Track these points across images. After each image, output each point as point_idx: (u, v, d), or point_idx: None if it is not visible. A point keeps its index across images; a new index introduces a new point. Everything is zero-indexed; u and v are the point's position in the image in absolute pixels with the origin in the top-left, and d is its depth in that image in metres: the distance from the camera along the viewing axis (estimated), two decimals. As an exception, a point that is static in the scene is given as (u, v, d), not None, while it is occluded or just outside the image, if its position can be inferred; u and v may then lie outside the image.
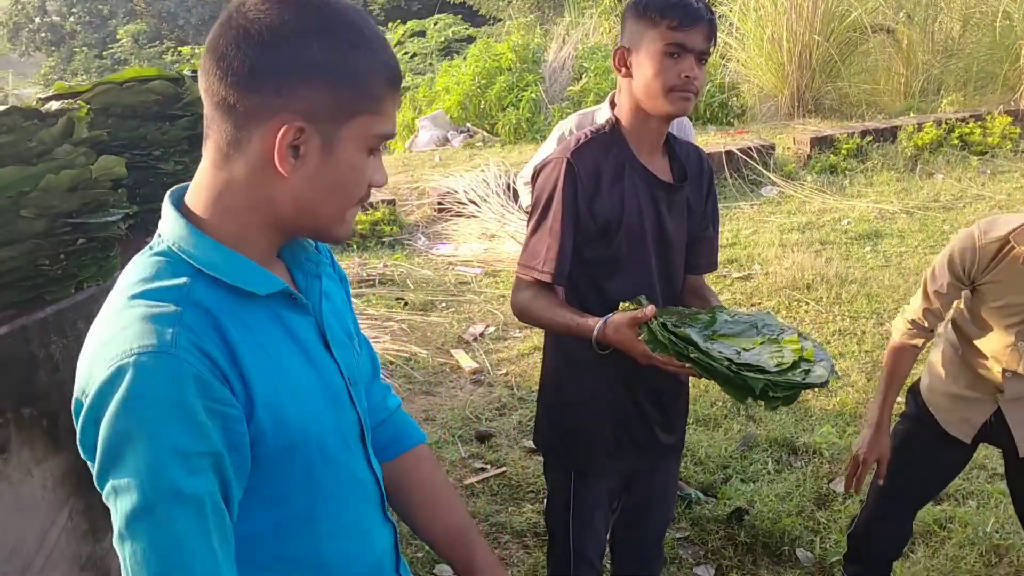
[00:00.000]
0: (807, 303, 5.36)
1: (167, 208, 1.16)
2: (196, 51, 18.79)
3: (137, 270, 1.12)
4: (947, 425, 2.49)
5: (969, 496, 3.44)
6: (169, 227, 1.14)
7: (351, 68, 1.09)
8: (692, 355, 1.78)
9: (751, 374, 1.74)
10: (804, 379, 1.75)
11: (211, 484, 1.03)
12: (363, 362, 1.41)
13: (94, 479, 1.07)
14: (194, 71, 2.61)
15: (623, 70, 1.99)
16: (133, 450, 1.00)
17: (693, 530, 3.31)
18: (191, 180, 1.15)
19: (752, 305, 5.41)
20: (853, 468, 2.54)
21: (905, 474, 2.54)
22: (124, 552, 1.03)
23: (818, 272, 5.76)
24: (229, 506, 1.07)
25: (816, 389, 1.85)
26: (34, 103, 2.11)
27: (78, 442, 1.07)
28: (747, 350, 1.86)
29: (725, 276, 5.91)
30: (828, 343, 4.81)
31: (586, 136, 2.03)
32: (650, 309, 1.84)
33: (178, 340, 1.02)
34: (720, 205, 7.43)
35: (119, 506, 1.02)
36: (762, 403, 1.78)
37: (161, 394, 1.00)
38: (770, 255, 6.20)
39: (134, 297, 1.07)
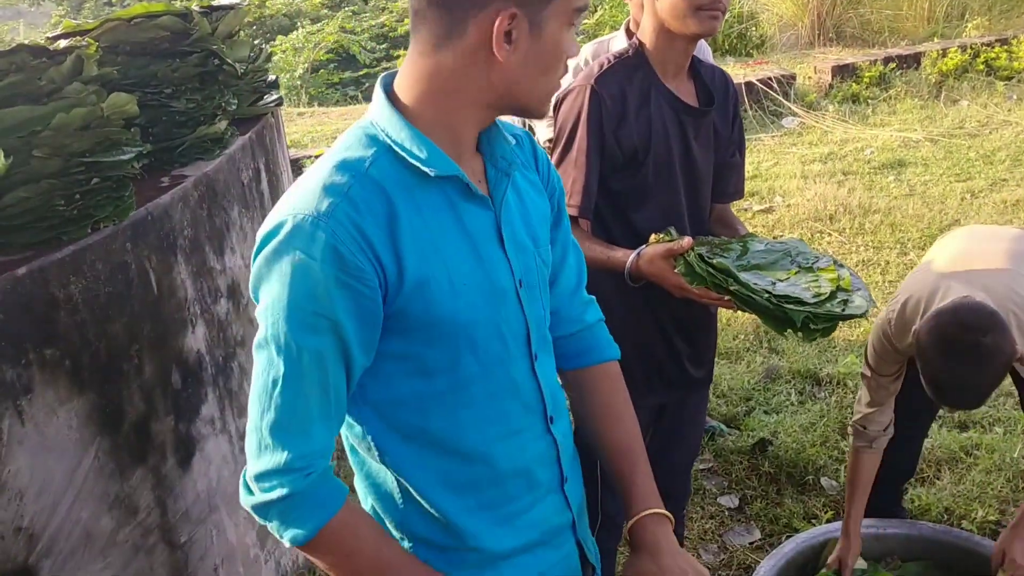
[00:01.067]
0: (830, 234, 5.30)
1: (377, 90, 1.25)
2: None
3: (342, 139, 1.24)
4: None
5: (996, 423, 3.41)
6: (375, 107, 1.24)
7: None
8: (732, 287, 1.75)
9: (791, 306, 1.72)
10: (843, 310, 1.73)
11: (321, 343, 1.13)
12: (566, 271, 1.50)
13: None
14: (201, 6, 2.56)
15: None
16: (265, 294, 1.15)
17: (717, 461, 3.32)
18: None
19: (774, 237, 5.34)
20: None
21: (902, 390, 2.51)
22: (253, 371, 1.19)
23: (841, 203, 5.68)
24: (349, 369, 1.18)
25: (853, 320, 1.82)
26: (42, 41, 2.07)
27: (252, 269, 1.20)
28: (782, 280, 1.84)
29: (747, 209, 5.84)
30: (851, 274, 4.75)
31: (609, 61, 1.97)
32: (687, 241, 1.81)
33: (334, 211, 1.12)
34: (740, 137, 7.36)
35: (258, 329, 1.17)
36: (801, 335, 1.76)
37: (298, 255, 1.11)
38: (792, 187, 6.11)
39: (326, 163, 1.19)
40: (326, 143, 7.06)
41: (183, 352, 2.21)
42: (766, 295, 1.74)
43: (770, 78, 8.02)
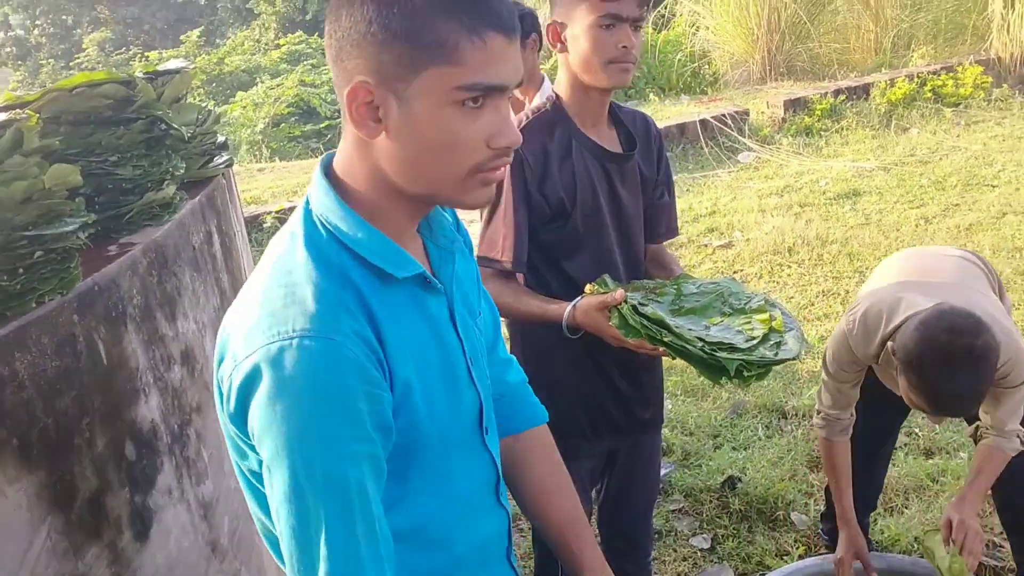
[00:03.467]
0: (789, 266, 5.35)
1: (317, 175, 1.15)
2: (163, 55, 18.60)
3: (292, 240, 1.12)
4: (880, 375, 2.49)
5: (960, 448, 3.44)
6: (317, 197, 1.14)
7: (416, 20, 1.03)
8: (665, 339, 1.76)
9: (724, 354, 1.73)
10: (776, 354, 1.75)
11: (361, 471, 1.03)
12: (485, 331, 1.38)
13: (241, 448, 1.10)
14: (146, 72, 2.56)
15: (558, 45, 1.94)
16: (283, 434, 1.00)
17: (687, 501, 3.30)
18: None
19: (735, 273, 5.40)
20: (840, 571, 2.52)
21: (859, 423, 2.53)
22: (280, 526, 1.04)
23: (799, 235, 5.75)
24: (382, 487, 1.07)
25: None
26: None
27: (228, 411, 1.08)
28: (716, 323, 1.85)
29: (706, 245, 5.89)
30: (812, 304, 4.80)
31: (527, 117, 1.99)
32: (619, 293, 1.81)
33: (339, 325, 1.03)
34: (698, 174, 7.48)
35: (273, 483, 1.03)
36: (736, 382, 1.77)
37: (323, 380, 1.00)
38: (750, 221, 6.18)
39: (296, 269, 1.07)
40: (287, 197, 7.06)
41: (136, 423, 2.17)
42: (699, 344, 1.75)
43: (724, 115, 8.15)
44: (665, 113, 8.67)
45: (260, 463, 1.06)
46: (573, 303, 1.87)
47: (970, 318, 2.04)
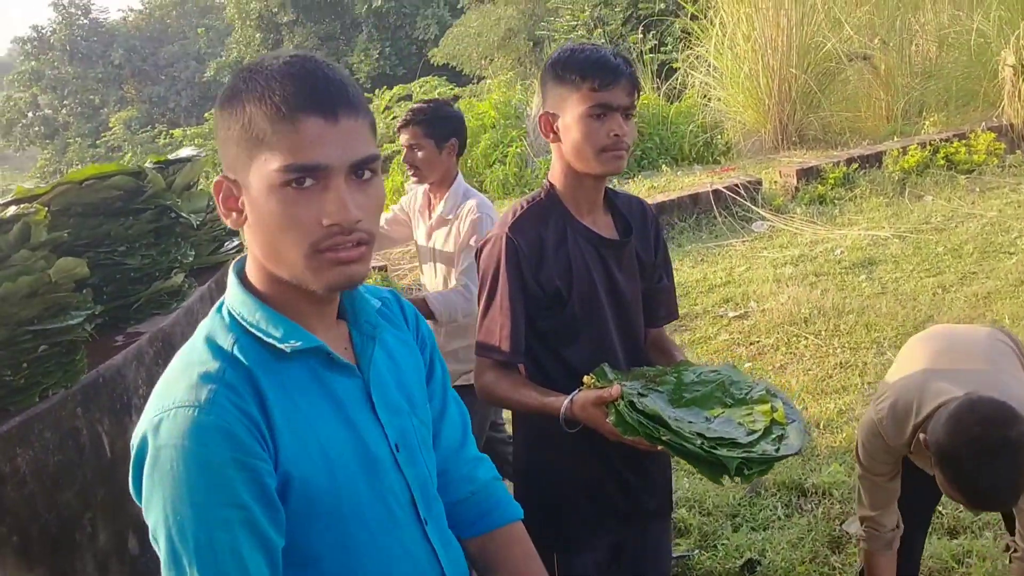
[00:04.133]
0: (806, 337, 5.30)
1: (230, 275, 1.25)
2: (188, 132, 18.97)
3: (201, 328, 1.22)
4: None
5: (985, 527, 3.34)
6: (229, 290, 1.24)
7: (237, 119, 1.13)
8: (663, 437, 1.73)
9: (724, 452, 1.70)
10: (777, 448, 1.72)
11: (233, 535, 1.07)
12: (447, 426, 1.44)
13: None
14: (156, 162, 2.60)
15: (551, 135, 1.96)
16: (156, 505, 1.08)
17: (705, 585, 3.22)
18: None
19: (751, 344, 5.36)
20: None
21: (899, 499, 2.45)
22: None
23: (815, 305, 5.71)
24: (271, 557, 1.10)
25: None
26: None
27: (130, 485, 1.16)
28: (717, 415, 1.82)
29: (722, 316, 5.86)
30: (830, 377, 4.74)
31: (522, 207, 2.00)
32: (615, 390, 1.78)
33: (214, 398, 1.09)
34: (712, 243, 7.48)
35: (159, 550, 1.10)
36: (737, 479, 1.74)
37: (191, 446, 1.06)
38: (765, 291, 6.15)
39: (191, 352, 1.17)
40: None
41: (139, 515, 2.15)
42: (699, 441, 1.72)
43: (737, 184, 8.18)
44: (678, 183, 8.71)
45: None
46: (570, 397, 1.85)
47: (1003, 408, 1.98)
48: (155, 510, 1.09)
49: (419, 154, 3.14)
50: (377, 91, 19.57)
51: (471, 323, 3.07)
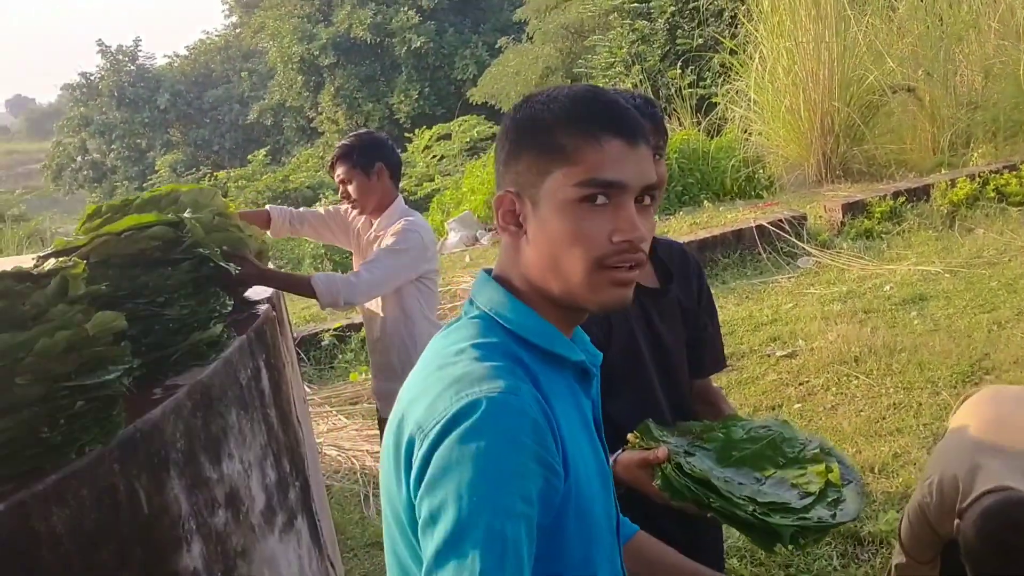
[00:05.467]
0: (857, 377, 5.16)
1: (482, 277, 1.28)
2: (231, 174, 19.27)
3: (458, 332, 1.22)
4: None
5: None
6: (486, 295, 1.25)
7: (535, 137, 1.20)
8: (714, 504, 1.65)
9: (778, 519, 1.61)
10: (834, 515, 1.63)
11: (519, 531, 1.04)
12: None
13: (415, 511, 1.10)
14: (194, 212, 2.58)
15: None
16: (456, 479, 1.04)
17: (760, 641, 3.10)
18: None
19: (800, 384, 5.22)
20: None
21: None
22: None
23: (865, 343, 5.57)
24: (531, 564, 1.07)
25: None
26: (29, 264, 2.07)
27: (412, 477, 1.11)
28: (768, 475, 1.73)
29: (769, 355, 5.74)
30: (884, 419, 4.60)
31: None
32: (662, 452, 1.70)
33: (521, 386, 1.11)
34: (756, 280, 7.37)
35: (433, 533, 1.04)
36: (791, 547, 1.65)
37: (506, 428, 1.06)
38: (813, 329, 6.02)
39: (467, 350, 1.16)
40: (344, 316, 7.08)
41: (179, 573, 2.10)
42: (751, 507, 1.63)
43: (781, 219, 8.06)
44: (720, 219, 8.61)
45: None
46: (614, 457, 1.78)
47: None
48: (445, 489, 1.04)
49: (351, 187, 3.28)
50: (417, 131, 19.79)
51: (406, 364, 3.14)
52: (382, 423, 3.44)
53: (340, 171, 3.29)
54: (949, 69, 10.54)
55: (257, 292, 3.06)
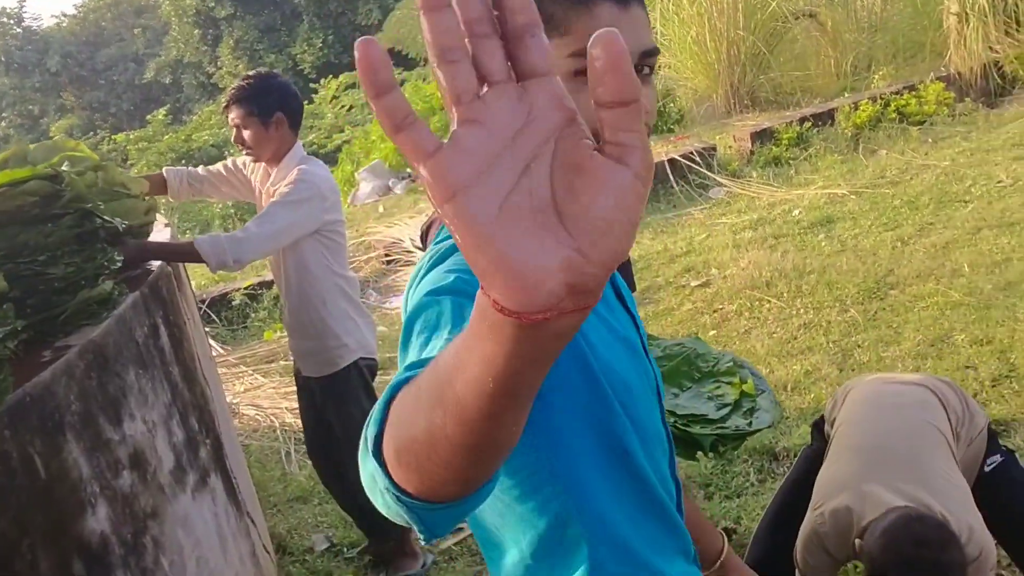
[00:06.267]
0: (768, 300, 5.26)
1: None
2: (130, 137, 18.61)
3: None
4: None
5: None
6: None
7: None
8: None
9: (698, 429, 1.64)
10: (750, 423, 1.67)
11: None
12: None
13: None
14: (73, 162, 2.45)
15: None
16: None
17: (683, 559, 3.16)
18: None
19: (714, 312, 5.31)
20: None
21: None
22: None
23: (775, 268, 5.67)
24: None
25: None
26: None
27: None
28: (685, 389, 1.75)
29: (684, 286, 5.81)
30: (795, 338, 4.70)
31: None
32: None
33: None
34: (671, 214, 7.42)
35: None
36: (711, 455, 1.68)
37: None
38: (725, 257, 6.11)
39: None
40: (256, 273, 6.93)
41: (84, 537, 2.03)
42: (672, 419, 1.65)
43: (692, 152, 8.12)
44: (633, 154, 8.63)
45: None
46: None
47: (937, 528, 2.04)
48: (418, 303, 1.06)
49: (246, 133, 3.09)
50: (323, 80, 19.33)
51: (317, 321, 3.14)
52: (300, 380, 3.36)
53: (235, 115, 3.09)
54: (849, -7, 10.70)
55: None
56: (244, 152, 3.18)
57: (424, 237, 1.93)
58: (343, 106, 17.79)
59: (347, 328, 3.18)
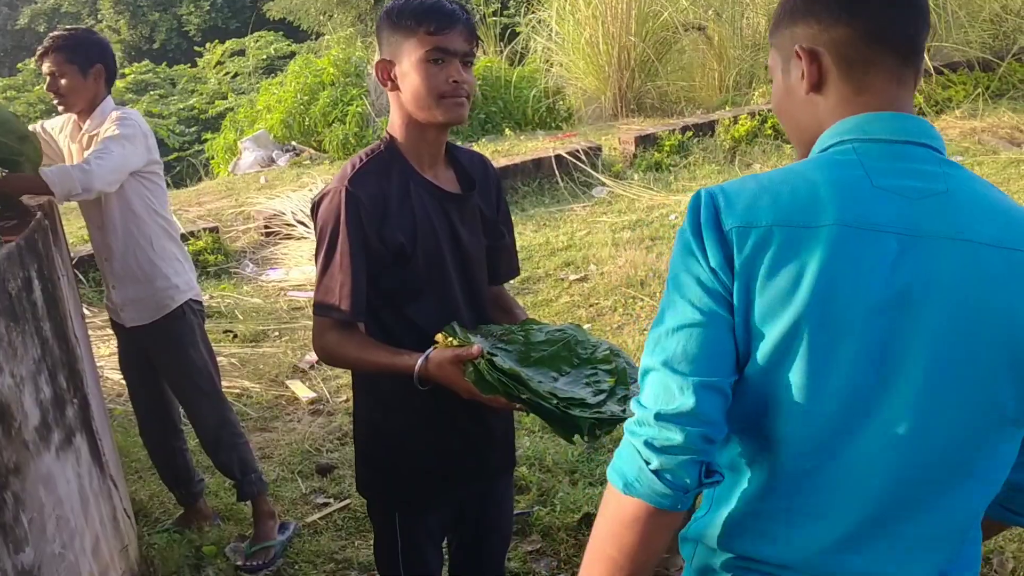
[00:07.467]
0: (642, 299, 5.45)
1: None
2: (5, 83, 17.62)
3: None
4: None
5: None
6: None
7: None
8: (523, 395, 1.74)
9: (577, 412, 1.73)
10: (624, 410, 1.77)
11: None
12: None
13: None
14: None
15: (388, 84, 1.90)
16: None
17: (545, 541, 3.27)
18: None
19: (590, 306, 5.46)
20: None
21: None
22: None
23: (650, 268, 5.88)
24: None
25: None
26: None
27: None
28: (564, 375, 1.85)
29: (563, 279, 5.95)
30: (664, 337, 4.89)
31: (361, 160, 1.93)
32: (476, 348, 1.77)
33: None
34: (554, 208, 7.56)
35: None
36: (587, 439, 1.77)
37: None
38: (604, 255, 6.28)
39: None
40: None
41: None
42: (554, 400, 1.74)
43: (578, 150, 8.30)
44: (521, 148, 8.76)
45: None
46: (425, 355, 1.81)
47: None
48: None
49: (62, 81, 3.08)
50: (208, 45, 18.76)
51: (145, 263, 3.12)
52: (124, 335, 3.30)
53: (51, 62, 3.05)
54: (736, 11, 11.09)
55: (27, 201, 2.85)
56: (56, 101, 3.12)
57: (315, 210, 1.96)
58: (227, 72, 17.32)
59: (175, 269, 3.20)
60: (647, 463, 1.14)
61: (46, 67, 3.07)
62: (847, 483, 1.18)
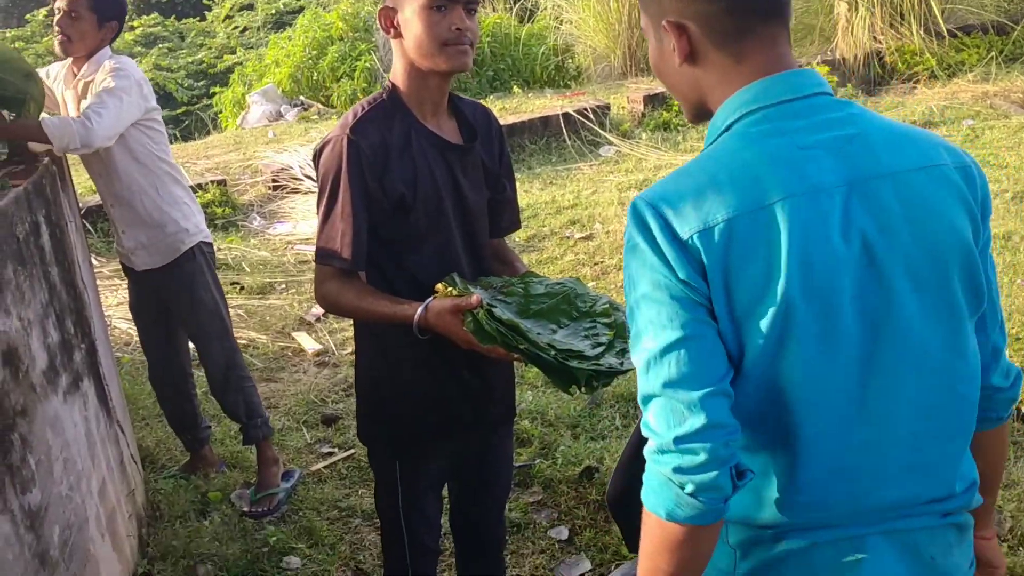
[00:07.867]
0: (647, 258, 5.44)
1: None
2: (7, 35, 17.47)
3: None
4: None
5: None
6: None
7: None
8: (521, 346, 1.76)
9: (575, 363, 1.75)
10: (622, 363, 1.78)
11: None
12: None
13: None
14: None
15: (391, 31, 1.89)
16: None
17: (546, 493, 3.31)
18: None
19: (595, 265, 5.47)
20: None
21: None
22: None
23: (656, 227, 5.86)
24: None
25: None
26: None
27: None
28: (563, 327, 1.86)
29: (568, 237, 5.95)
30: (669, 296, 4.90)
31: (363, 108, 1.92)
32: (475, 298, 1.78)
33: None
34: (561, 167, 7.54)
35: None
36: (584, 390, 1.79)
37: None
38: (610, 214, 6.28)
39: None
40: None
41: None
42: (552, 352, 1.75)
43: (586, 108, 8.25)
44: (529, 106, 8.71)
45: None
46: (425, 304, 1.83)
47: None
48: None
49: (76, 23, 3.07)
50: (217, -2, 18.57)
51: (153, 209, 3.14)
52: (135, 277, 3.32)
53: (73, 2, 3.04)
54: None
55: (35, 148, 2.86)
56: (59, 40, 3.11)
57: (316, 158, 1.97)
58: (236, 26, 17.18)
59: (184, 213, 3.22)
60: (682, 488, 1.16)
61: (61, 2, 3.05)
62: (878, 434, 1.23)
